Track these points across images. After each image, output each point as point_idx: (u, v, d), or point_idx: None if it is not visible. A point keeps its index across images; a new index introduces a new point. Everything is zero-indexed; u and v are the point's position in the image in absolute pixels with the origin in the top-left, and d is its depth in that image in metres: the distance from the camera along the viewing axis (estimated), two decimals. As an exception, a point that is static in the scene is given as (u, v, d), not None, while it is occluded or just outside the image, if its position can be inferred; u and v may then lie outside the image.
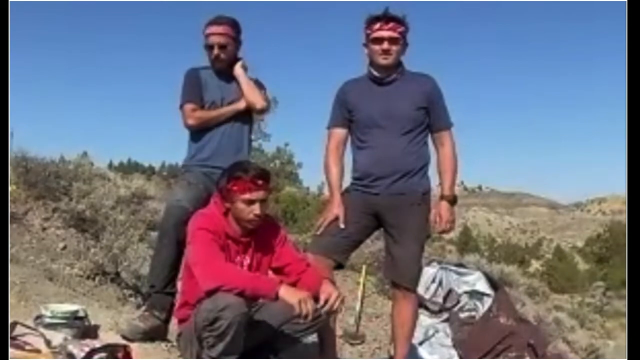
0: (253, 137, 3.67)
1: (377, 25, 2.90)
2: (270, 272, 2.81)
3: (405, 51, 3.00)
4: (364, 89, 3.03)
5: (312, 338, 3.32)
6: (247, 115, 3.27)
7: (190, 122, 3.18)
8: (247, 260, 2.67)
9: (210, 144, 3.18)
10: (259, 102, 3.22)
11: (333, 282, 2.82)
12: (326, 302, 2.58)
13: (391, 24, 2.89)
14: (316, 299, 2.67)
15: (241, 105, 3.18)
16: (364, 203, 2.98)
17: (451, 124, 3.06)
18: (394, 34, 2.90)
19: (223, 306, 2.37)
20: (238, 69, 3.19)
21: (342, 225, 2.94)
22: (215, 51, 3.14)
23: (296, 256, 2.82)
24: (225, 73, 3.21)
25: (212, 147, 3.17)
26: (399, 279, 3.00)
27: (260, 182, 2.56)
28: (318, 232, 3.02)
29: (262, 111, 3.34)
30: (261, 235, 2.70)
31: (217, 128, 3.18)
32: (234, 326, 2.37)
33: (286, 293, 2.45)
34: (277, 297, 2.45)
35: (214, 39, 3.14)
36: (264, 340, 2.71)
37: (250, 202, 2.55)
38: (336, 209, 2.97)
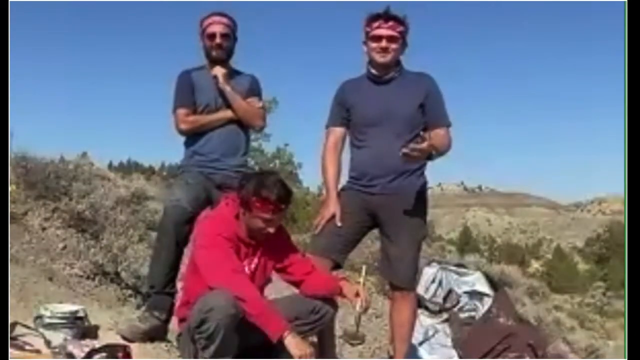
0: (253, 137, 3.67)
1: (377, 24, 2.90)
2: (274, 272, 2.83)
3: (404, 51, 2.99)
4: (362, 88, 3.03)
5: (312, 338, 3.32)
6: None
7: (183, 127, 3.17)
8: (254, 262, 2.67)
9: (208, 145, 3.16)
10: (257, 124, 3.23)
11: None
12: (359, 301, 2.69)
13: (390, 23, 2.89)
14: (327, 299, 2.73)
15: (232, 114, 3.16)
16: (361, 202, 2.98)
17: (449, 124, 3.02)
18: (393, 33, 2.90)
19: (210, 307, 2.35)
20: (225, 86, 3.13)
21: (338, 224, 2.94)
22: (218, 40, 3.12)
23: (300, 256, 2.83)
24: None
25: (210, 148, 3.16)
26: (396, 280, 3.00)
27: (283, 206, 2.56)
28: (316, 232, 3.02)
29: (261, 129, 3.36)
30: (267, 237, 2.70)
31: (214, 128, 3.16)
32: (221, 329, 2.34)
33: (291, 343, 2.37)
34: (279, 341, 2.39)
35: (217, 28, 3.13)
36: (265, 340, 2.71)
37: (269, 221, 2.56)
38: (333, 207, 2.97)
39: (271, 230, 2.58)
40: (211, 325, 2.34)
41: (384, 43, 2.90)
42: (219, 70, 3.14)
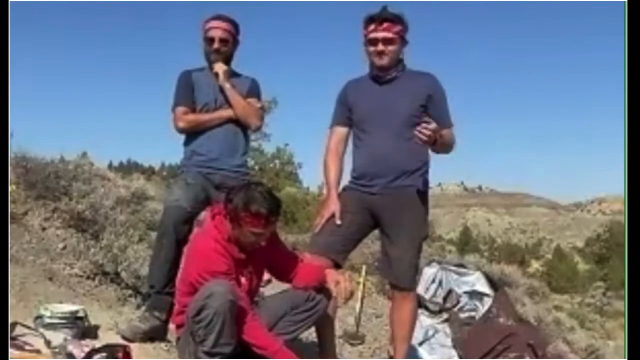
0: (253, 137, 3.66)
1: (372, 27, 2.89)
2: (266, 272, 2.84)
3: (403, 49, 2.98)
4: (364, 87, 3.03)
5: (312, 338, 3.32)
6: None
7: (181, 125, 3.18)
8: (248, 272, 2.69)
9: (207, 145, 3.17)
10: (253, 122, 3.22)
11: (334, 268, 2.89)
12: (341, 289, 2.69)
13: (385, 25, 2.87)
14: (318, 290, 2.74)
15: (232, 113, 3.16)
16: (361, 201, 2.98)
17: (451, 125, 3.00)
18: (389, 35, 2.88)
19: (208, 294, 2.36)
20: (225, 83, 3.14)
21: (338, 222, 2.94)
22: (216, 45, 3.14)
23: (288, 253, 2.88)
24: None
25: (209, 148, 3.17)
26: (396, 280, 3.00)
27: (273, 219, 2.55)
28: (316, 231, 3.02)
29: (257, 129, 3.36)
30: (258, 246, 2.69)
31: (212, 128, 3.17)
32: (220, 315, 2.35)
33: None
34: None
35: (216, 32, 3.15)
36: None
37: (260, 235, 2.56)
38: (333, 206, 2.97)
39: (262, 243, 2.59)
40: (209, 313, 2.35)
41: (380, 46, 2.89)
42: (220, 67, 3.16)
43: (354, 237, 3.04)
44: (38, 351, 2.61)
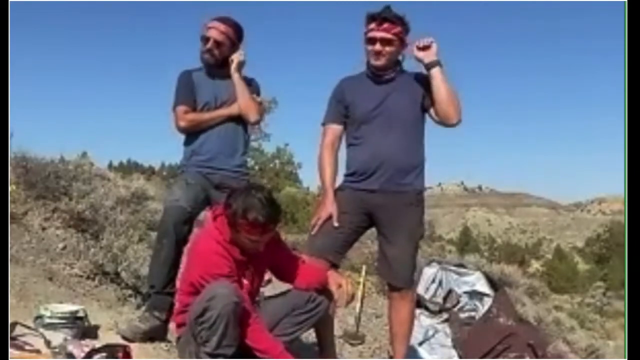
0: (253, 137, 3.65)
1: (372, 26, 2.89)
2: (268, 272, 2.84)
3: (402, 51, 2.97)
4: (361, 85, 3.03)
5: (312, 338, 3.32)
6: None
7: (182, 124, 3.18)
8: (250, 272, 2.67)
9: (207, 145, 3.17)
10: (252, 115, 3.22)
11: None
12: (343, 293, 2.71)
13: (385, 25, 2.87)
14: (320, 291, 2.74)
15: (234, 110, 3.17)
16: (357, 201, 2.97)
17: None
18: (387, 35, 2.87)
19: (211, 295, 2.36)
20: (235, 73, 3.17)
21: (335, 224, 2.93)
22: (209, 45, 3.14)
23: (290, 254, 2.87)
24: (218, 71, 3.20)
25: (209, 148, 3.17)
26: (393, 280, 3.00)
27: (271, 226, 2.54)
28: (312, 232, 3.01)
29: (255, 123, 3.35)
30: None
31: (212, 128, 3.17)
32: (224, 317, 2.34)
33: None
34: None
35: (212, 33, 3.15)
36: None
37: (256, 242, 2.55)
38: (330, 207, 2.96)
39: (260, 249, 2.58)
40: (213, 314, 2.34)
41: (377, 46, 2.89)
42: (236, 57, 3.17)
43: (350, 238, 3.03)
44: (38, 351, 2.61)
